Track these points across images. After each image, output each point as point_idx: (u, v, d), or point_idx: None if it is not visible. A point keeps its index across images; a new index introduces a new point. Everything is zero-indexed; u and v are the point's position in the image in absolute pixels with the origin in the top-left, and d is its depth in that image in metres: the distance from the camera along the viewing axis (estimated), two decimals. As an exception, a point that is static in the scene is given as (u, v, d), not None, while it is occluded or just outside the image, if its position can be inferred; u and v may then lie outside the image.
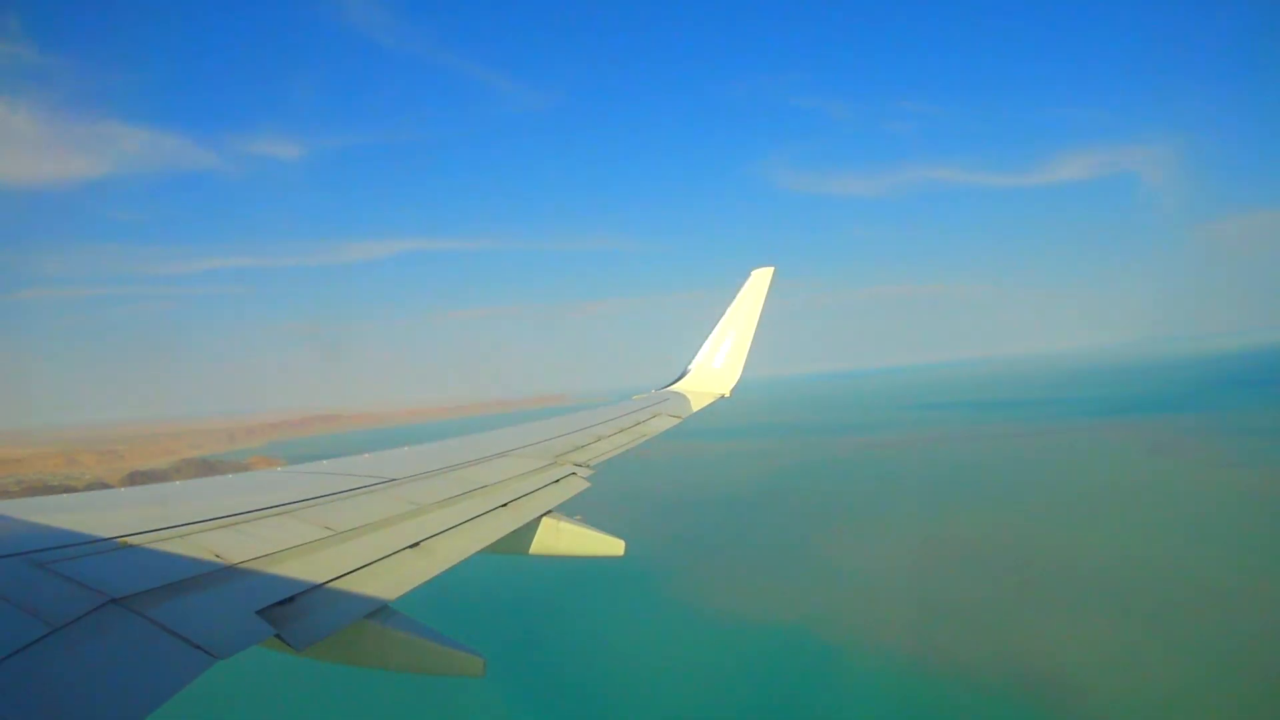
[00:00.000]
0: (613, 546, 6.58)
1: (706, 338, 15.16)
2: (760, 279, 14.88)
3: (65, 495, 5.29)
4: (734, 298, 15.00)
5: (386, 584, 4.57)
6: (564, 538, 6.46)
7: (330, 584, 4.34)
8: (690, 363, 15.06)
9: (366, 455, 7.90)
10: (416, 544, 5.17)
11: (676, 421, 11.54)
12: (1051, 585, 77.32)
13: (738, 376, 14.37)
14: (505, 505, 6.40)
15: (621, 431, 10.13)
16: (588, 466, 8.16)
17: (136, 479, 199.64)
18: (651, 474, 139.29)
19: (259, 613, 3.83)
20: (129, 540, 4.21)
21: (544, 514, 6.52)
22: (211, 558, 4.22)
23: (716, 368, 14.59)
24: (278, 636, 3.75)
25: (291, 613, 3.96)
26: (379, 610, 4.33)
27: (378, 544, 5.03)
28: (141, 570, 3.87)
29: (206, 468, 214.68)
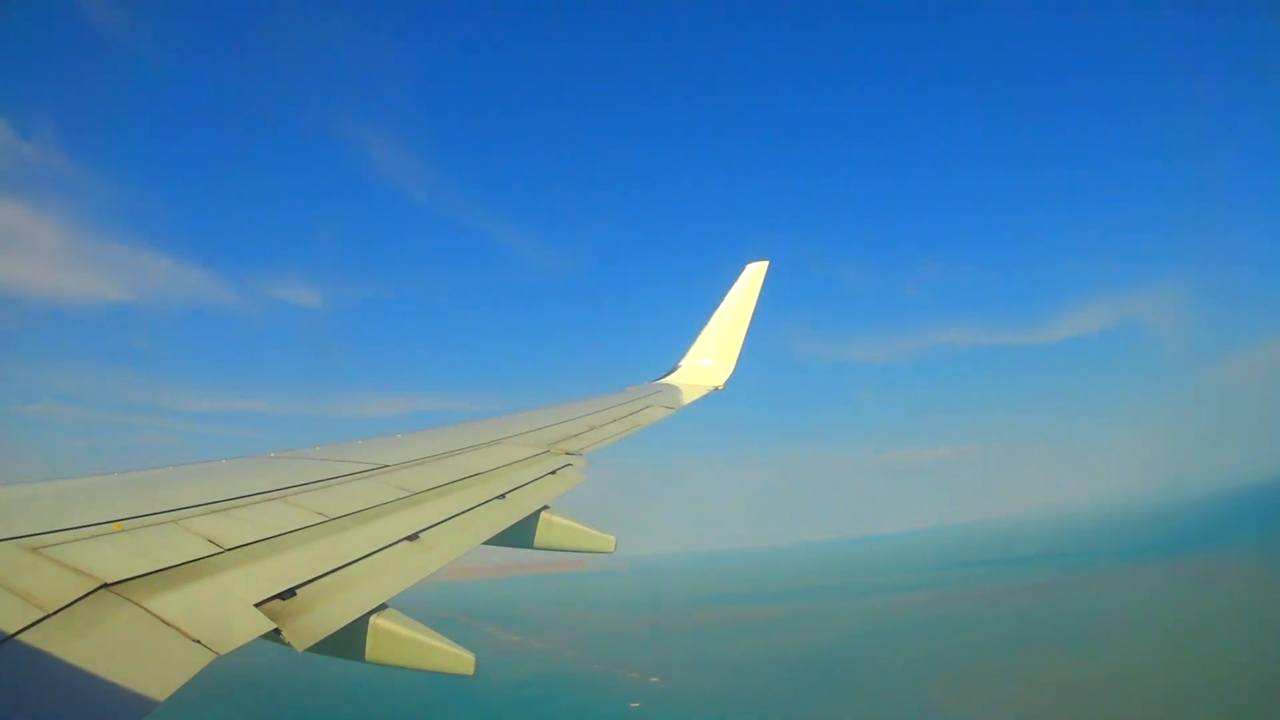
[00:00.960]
0: (604, 543, 6.70)
1: (700, 331, 15.09)
2: (754, 273, 14.85)
3: (58, 481, 5.23)
4: (728, 292, 14.95)
5: (385, 579, 4.54)
6: (558, 532, 6.50)
7: (329, 576, 4.29)
8: (684, 356, 15.00)
9: (360, 441, 7.80)
10: (415, 536, 5.11)
11: (670, 413, 11.58)
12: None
13: (731, 370, 14.31)
14: (503, 497, 6.34)
15: (615, 421, 10.12)
16: (581, 456, 8.10)
17: None
18: (739, 654, 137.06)
19: (257, 605, 3.76)
20: (123, 525, 4.15)
21: (542, 508, 6.48)
22: (206, 543, 4.15)
23: (710, 361, 14.55)
24: (278, 634, 3.70)
25: (292, 608, 3.91)
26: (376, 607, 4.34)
27: (375, 535, 4.97)
28: (135, 556, 3.79)
29: None
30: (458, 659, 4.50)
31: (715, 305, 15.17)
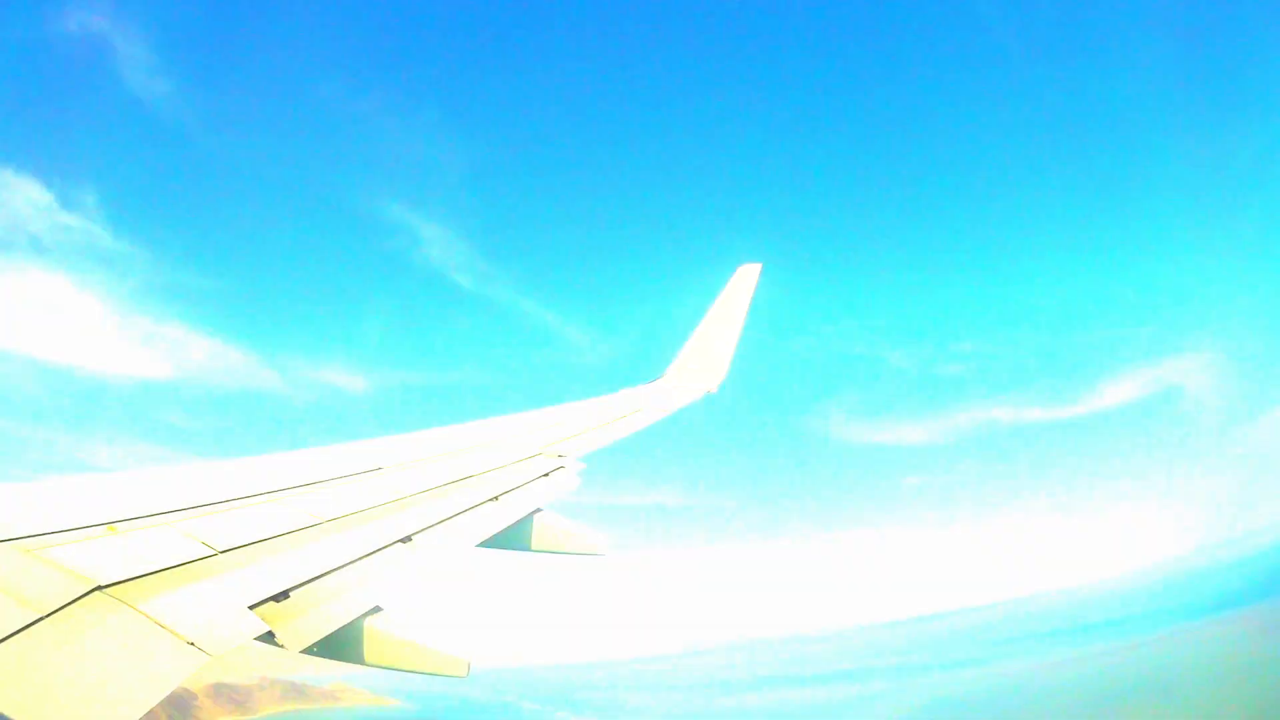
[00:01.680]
0: (596, 545, 6.72)
1: (692, 335, 14.86)
2: (747, 275, 14.69)
3: (51, 481, 5.21)
4: (721, 295, 14.81)
5: (379, 581, 4.55)
6: (551, 534, 6.52)
7: (322, 579, 4.29)
8: (677, 360, 14.55)
9: (353, 443, 7.79)
10: (408, 539, 5.11)
11: (662, 416, 11.51)
12: None
13: (724, 373, 14.09)
14: (496, 499, 6.34)
15: (607, 424, 10.11)
16: (573, 458, 8.12)
17: (222, 690, 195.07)
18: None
19: (251, 607, 3.76)
20: (116, 526, 4.12)
21: (535, 511, 6.49)
22: (200, 544, 4.14)
23: (703, 364, 14.27)
24: (272, 636, 3.69)
25: (286, 610, 3.90)
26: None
27: (368, 536, 4.97)
28: (128, 556, 3.77)
29: (243, 687, 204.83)
30: (451, 662, 4.50)
31: (707, 307, 14.85)
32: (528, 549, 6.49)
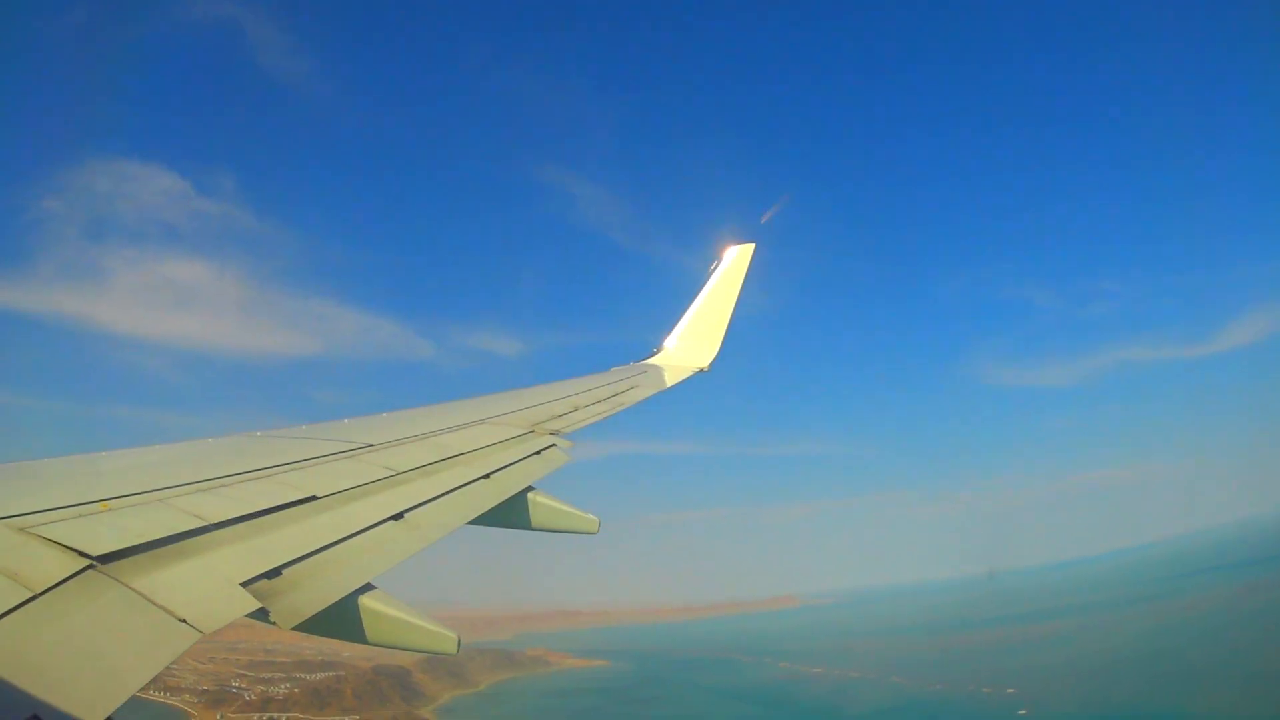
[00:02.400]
0: (588, 524, 6.74)
1: (685, 313, 15.00)
2: (740, 255, 14.76)
3: (46, 460, 5.22)
4: (714, 274, 14.88)
5: (371, 559, 4.59)
6: (543, 512, 6.54)
7: (315, 556, 4.33)
8: (669, 337, 14.89)
9: (345, 420, 7.80)
10: (400, 516, 5.15)
11: (654, 393, 11.51)
12: None
13: (716, 352, 14.25)
14: (488, 477, 6.36)
15: (599, 402, 10.11)
16: (564, 435, 8.13)
17: (435, 663, 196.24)
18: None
19: (244, 584, 3.80)
20: (110, 504, 4.15)
21: (527, 489, 6.52)
22: (194, 521, 4.15)
23: (695, 342, 14.45)
24: (264, 613, 3.74)
25: (277, 587, 3.94)
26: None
27: (361, 514, 5.01)
28: (123, 534, 3.77)
29: (448, 659, 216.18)
30: (440, 638, 4.55)
31: (699, 286, 15.01)
32: (519, 526, 6.51)
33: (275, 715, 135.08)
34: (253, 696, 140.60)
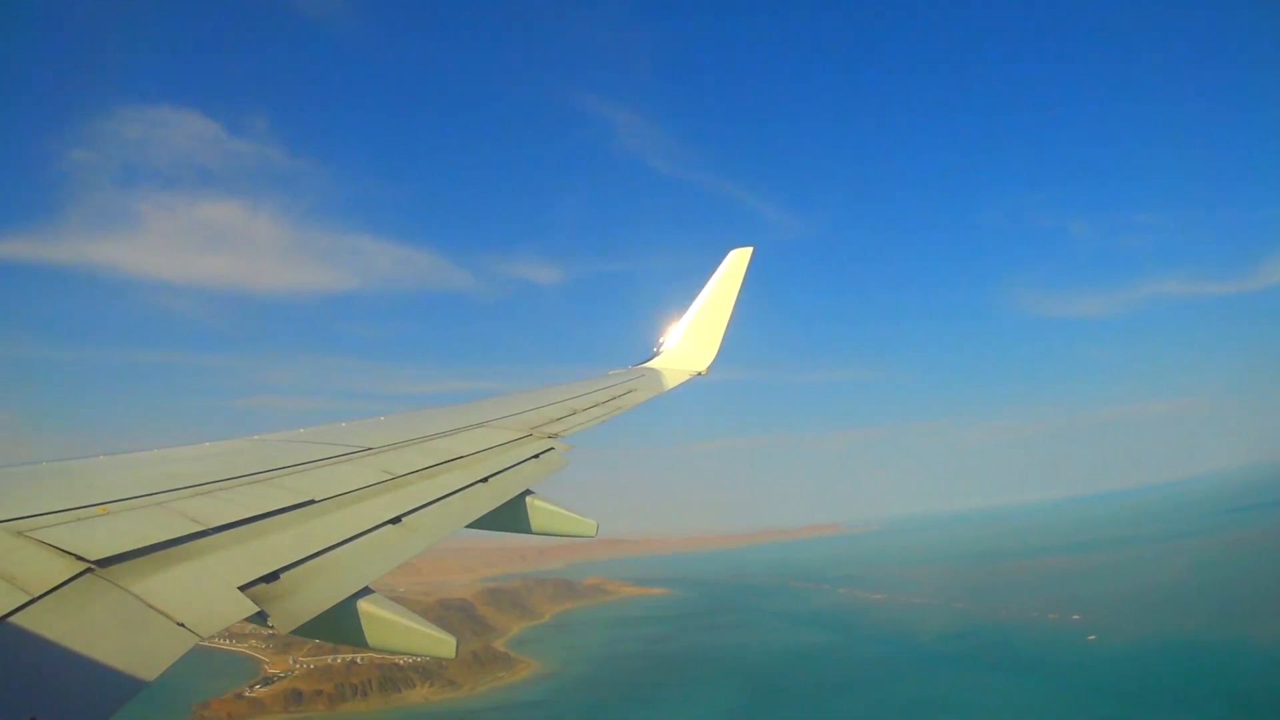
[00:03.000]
0: (586, 527, 6.72)
1: (683, 315, 15.03)
2: (738, 259, 14.82)
3: (44, 463, 5.31)
4: (712, 277, 14.90)
5: (369, 562, 4.56)
6: (542, 516, 6.51)
7: (313, 560, 4.31)
8: (667, 341, 14.90)
9: (343, 424, 7.83)
10: (398, 520, 5.13)
11: (652, 396, 11.58)
12: None
13: (714, 355, 14.31)
14: (486, 480, 6.32)
15: (596, 405, 10.07)
16: (562, 440, 8.13)
17: (496, 595, 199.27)
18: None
19: (242, 588, 3.78)
20: (108, 507, 4.16)
21: (526, 492, 6.51)
22: (191, 525, 4.14)
23: (693, 346, 14.46)
24: (262, 616, 3.73)
25: (276, 591, 3.92)
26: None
27: (359, 517, 5.00)
28: (120, 538, 3.77)
29: (508, 590, 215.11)
30: (438, 641, 4.52)
31: (699, 289, 15.05)
32: (518, 530, 6.52)
33: (349, 655, 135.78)
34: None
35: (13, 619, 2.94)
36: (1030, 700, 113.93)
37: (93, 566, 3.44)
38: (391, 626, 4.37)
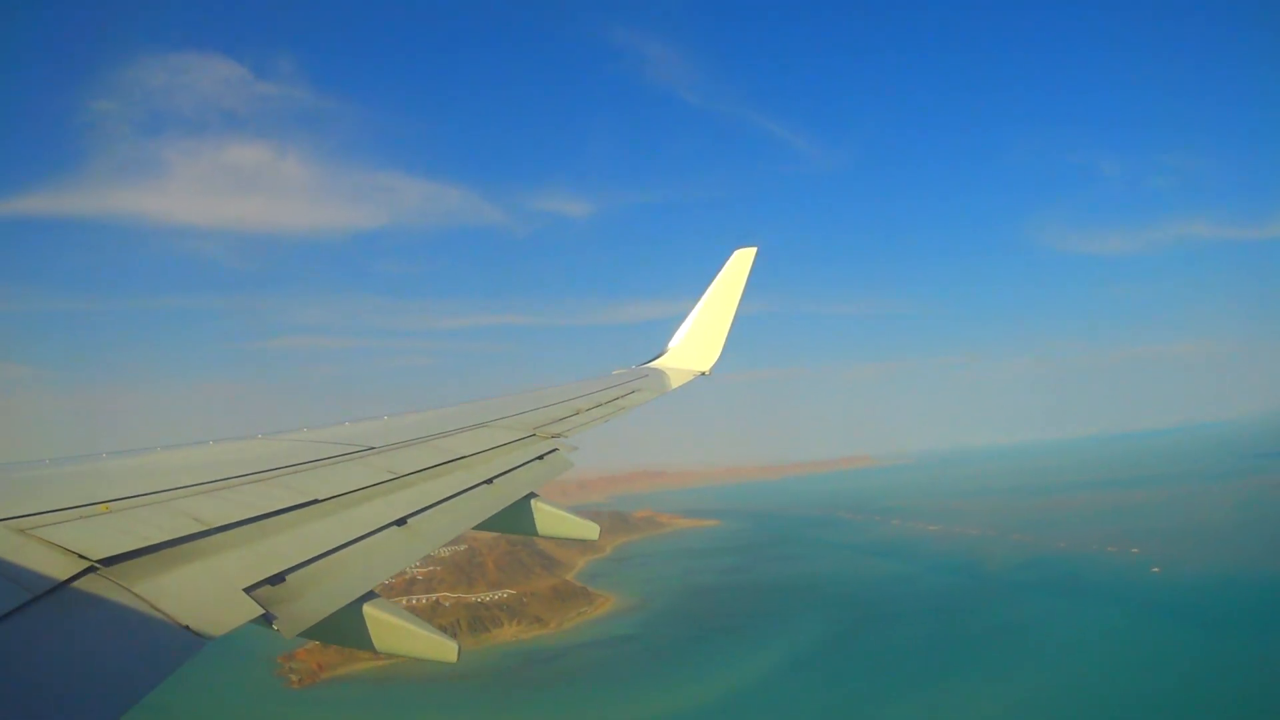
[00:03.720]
0: (588, 531, 6.83)
1: (688, 316, 15.24)
2: (742, 259, 14.88)
3: (45, 462, 5.33)
4: (716, 277, 15.03)
5: (374, 565, 4.57)
6: (545, 519, 6.56)
7: (318, 561, 4.29)
8: (671, 341, 15.10)
9: (346, 424, 7.87)
10: (403, 521, 5.11)
11: (654, 397, 11.67)
12: None
13: (717, 356, 14.51)
14: (490, 482, 6.33)
15: (599, 406, 10.14)
16: (565, 439, 8.18)
17: (511, 541, 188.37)
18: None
19: (247, 590, 3.76)
20: (110, 506, 4.15)
21: (531, 495, 6.53)
22: (194, 525, 4.13)
23: (697, 346, 14.68)
24: (268, 619, 3.69)
25: (282, 594, 3.89)
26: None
27: (363, 518, 4.98)
28: (124, 537, 3.76)
29: None
30: (441, 646, 4.53)
31: (703, 289, 15.13)
32: (522, 532, 6.56)
33: (422, 596, 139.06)
34: (393, 580, 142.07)
35: (13, 618, 2.92)
36: (1112, 626, 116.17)
37: (96, 565, 3.42)
38: (396, 631, 4.40)
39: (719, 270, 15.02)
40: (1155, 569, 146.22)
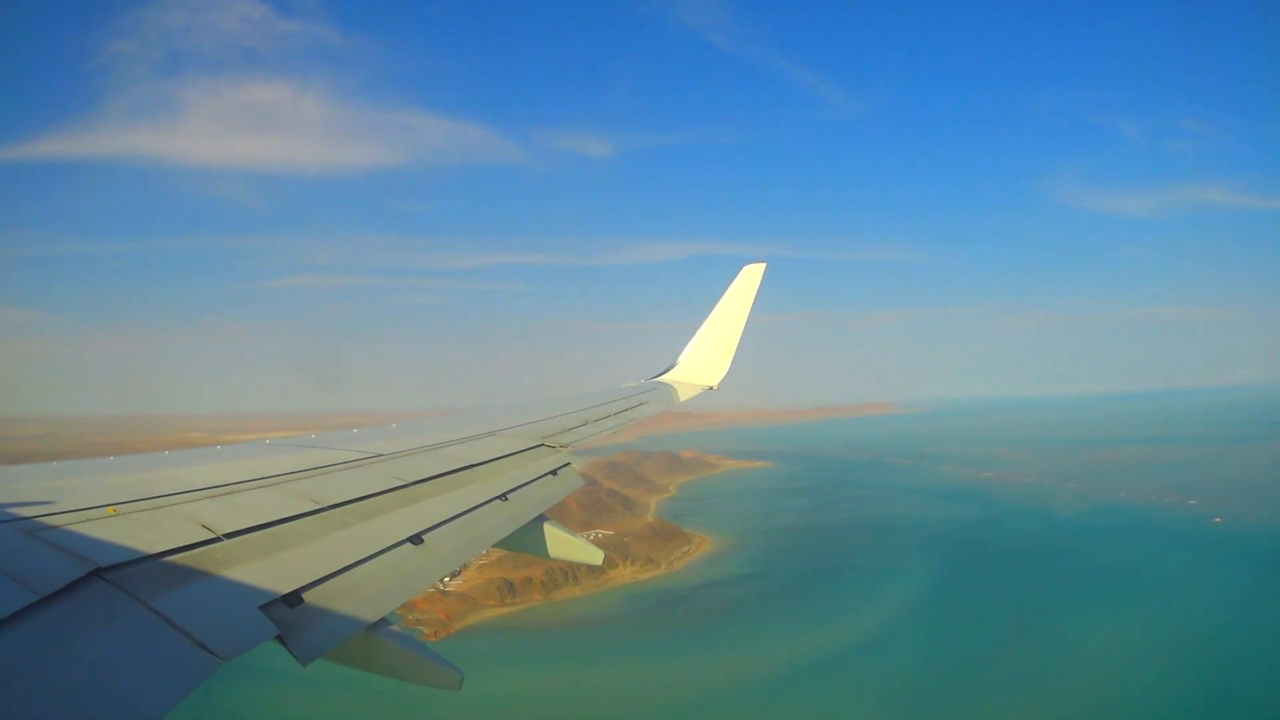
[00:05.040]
0: (594, 555, 6.89)
1: (697, 330, 15.46)
2: (751, 275, 15.06)
3: (52, 463, 5.30)
4: (726, 293, 15.23)
5: (390, 586, 4.45)
6: (554, 542, 6.60)
7: (333, 579, 4.14)
8: (680, 355, 15.30)
9: (355, 430, 7.89)
10: (419, 539, 4.96)
11: (663, 410, 11.86)
12: None
13: (725, 370, 14.69)
14: (505, 498, 6.26)
15: (608, 417, 10.19)
16: (573, 450, 8.23)
17: (614, 469, 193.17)
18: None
19: (262, 608, 3.64)
20: (116, 509, 4.08)
21: (543, 516, 6.53)
22: (202, 532, 4.05)
23: (705, 361, 14.86)
24: (281, 641, 3.55)
25: (297, 618, 3.72)
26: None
27: (377, 531, 4.86)
28: (128, 540, 3.70)
29: (621, 464, 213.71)
30: (445, 675, 4.44)
31: (712, 306, 15.33)
32: (532, 552, 6.56)
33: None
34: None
35: (18, 620, 2.87)
36: (1199, 568, 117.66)
37: (101, 570, 3.35)
38: (402, 657, 4.35)
39: (729, 285, 15.30)
40: (1217, 519, 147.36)
